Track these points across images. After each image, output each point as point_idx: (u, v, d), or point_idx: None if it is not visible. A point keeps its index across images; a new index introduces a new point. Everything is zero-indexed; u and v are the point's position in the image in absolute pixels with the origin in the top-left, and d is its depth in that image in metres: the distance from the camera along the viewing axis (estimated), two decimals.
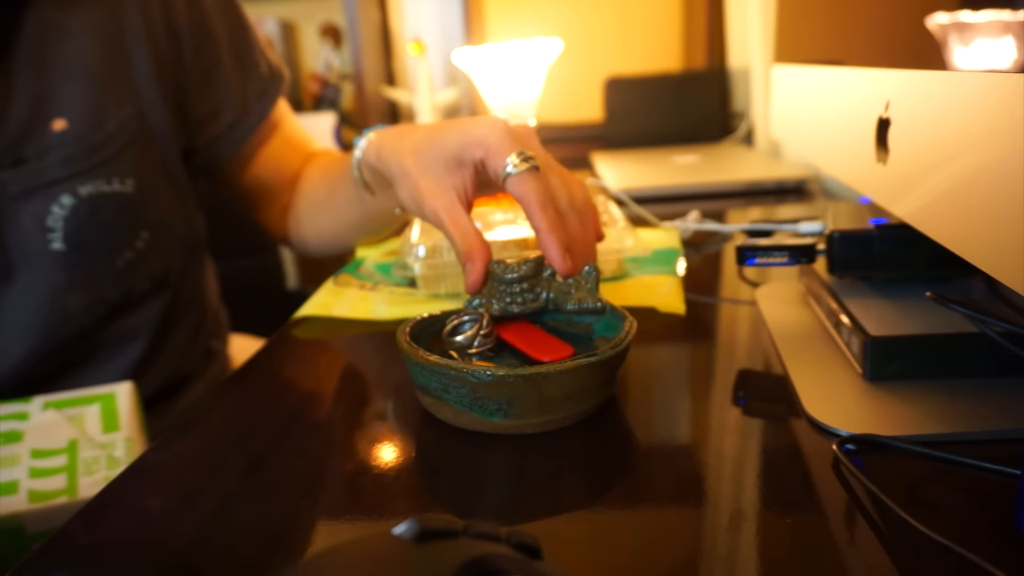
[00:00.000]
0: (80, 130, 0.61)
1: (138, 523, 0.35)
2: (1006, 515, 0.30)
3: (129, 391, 0.56)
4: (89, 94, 0.61)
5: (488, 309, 0.45)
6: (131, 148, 0.64)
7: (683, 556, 0.30)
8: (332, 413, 0.45)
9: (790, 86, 0.66)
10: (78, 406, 0.55)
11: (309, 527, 0.33)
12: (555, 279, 0.46)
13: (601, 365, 0.38)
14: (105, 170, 0.62)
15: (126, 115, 0.63)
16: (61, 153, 0.60)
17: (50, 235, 0.60)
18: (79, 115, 0.61)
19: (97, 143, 0.61)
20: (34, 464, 0.50)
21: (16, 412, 0.54)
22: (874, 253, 0.47)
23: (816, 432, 0.37)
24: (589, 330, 0.46)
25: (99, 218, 0.62)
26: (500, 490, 0.35)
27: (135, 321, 0.68)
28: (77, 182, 0.60)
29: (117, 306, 0.66)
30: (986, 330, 0.37)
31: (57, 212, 0.60)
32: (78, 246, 0.61)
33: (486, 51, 1.11)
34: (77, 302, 0.63)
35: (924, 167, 0.37)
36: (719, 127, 1.48)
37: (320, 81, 2.22)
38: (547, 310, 0.46)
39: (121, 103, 0.63)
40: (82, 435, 0.52)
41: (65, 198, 0.60)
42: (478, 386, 0.38)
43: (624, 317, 0.43)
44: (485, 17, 2.09)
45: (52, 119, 0.60)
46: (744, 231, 0.75)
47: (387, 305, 0.60)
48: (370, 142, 0.57)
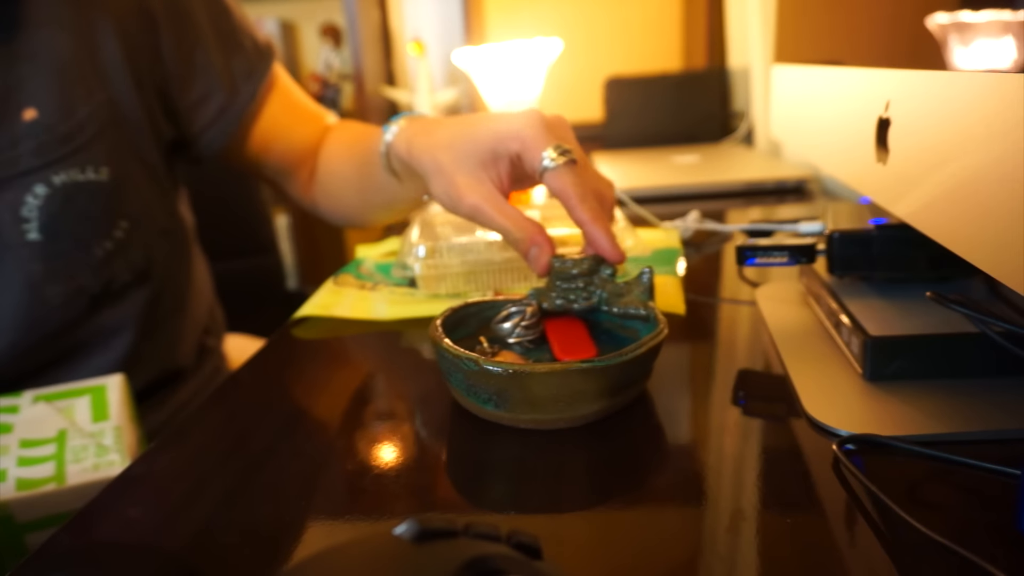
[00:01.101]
0: (50, 119, 0.60)
1: (137, 523, 0.35)
2: (1006, 515, 0.30)
3: (120, 382, 0.56)
4: (59, 83, 0.61)
5: (542, 302, 0.46)
6: (104, 136, 0.63)
7: (683, 556, 0.30)
8: (332, 413, 0.45)
9: (790, 86, 0.66)
10: (68, 398, 0.55)
11: (309, 527, 0.33)
12: (611, 279, 0.46)
13: (584, 373, 0.37)
14: (78, 159, 0.61)
15: (97, 103, 0.63)
16: (33, 142, 0.59)
17: (25, 225, 0.60)
18: (49, 104, 0.60)
19: (68, 132, 0.61)
20: (22, 453, 0.50)
21: (6, 406, 0.54)
22: (874, 253, 0.47)
23: (816, 432, 0.37)
24: (636, 335, 0.45)
25: (74, 207, 0.61)
26: (500, 490, 0.35)
27: (120, 314, 0.67)
28: (50, 171, 0.60)
29: (99, 298, 0.65)
30: (986, 330, 0.37)
31: (31, 202, 0.60)
32: (54, 236, 0.61)
33: (486, 51, 1.11)
34: (57, 293, 0.62)
35: (924, 167, 0.37)
36: (719, 127, 1.48)
37: (320, 81, 2.22)
38: (598, 309, 0.46)
39: (92, 91, 0.63)
40: (71, 425, 0.52)
41: (39, 188, 0.60)
42: (469, 374, 0.39)
43: (654, 331, 0.41)
44: (485, 17, 2.09)
45: (22, 108, 0.59)
46: (744, 231, 0.75)
47: (387, 305, 0.60)
48: (398, 132, 0.56)
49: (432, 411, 0.44)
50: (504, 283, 0.61)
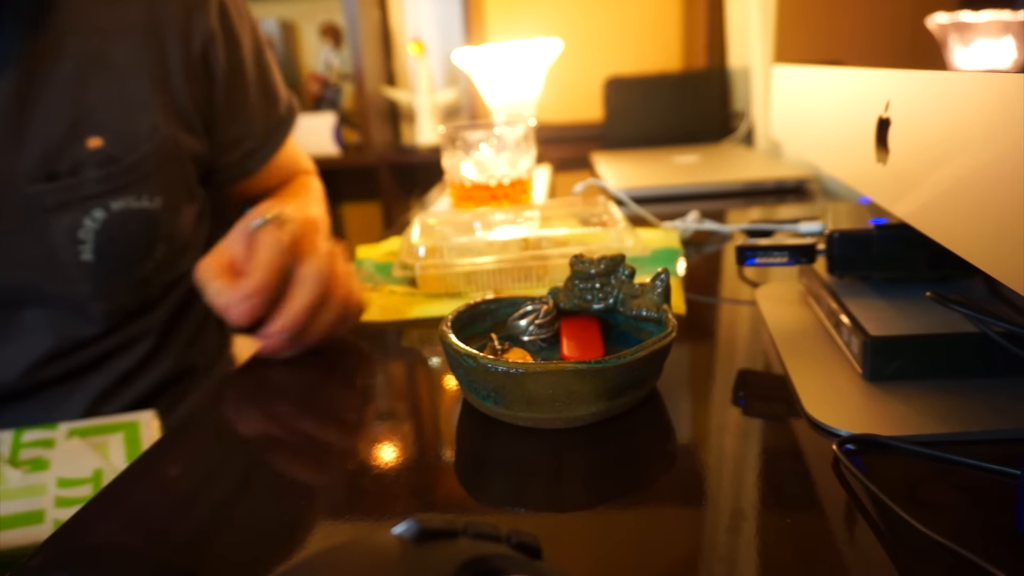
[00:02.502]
0: (115, 150, 0.64)
1: (138, 522, 0.35)
2: (1006, 515, 0.30)
3: (151, 419, 0.57)
4: (125, 117, 0.65)
5: (559, 301, 0.47)
6: (164, 169, 0.67)
7: (683, 556, 0.30)
8: (332, 413, 0.45)
9: (790, 86, 0.66)
10: (102, 434, 0.55)
11: (309, 527, 0.33)
12: (629, 280, 0.46)
13: (580, 374, 0.37)
14: (137, 188, 0.65)
15: (161, 138, 0.67)
16: (96, 171, 0.63)
17: (80, 247, 0.63)
18: (114, 136, 0.64)
19: (133, 163, 0.65)
20: (60, 493, 0.50)
21: (42, 439, 0.54)
22: (874, 253, 0.47)
23: (816, 432, 0.37)
24: (648, 338, 0.44)
25: (127, 231, 0.65)
26: (500, 490, 0.35)
27: (147, 323, 0.71)
28: (110, 198, 0.64)
29: (133, 313, 0.69)
30: (986, 330, 0.37)
31: (89, 225, 0.63)
32: (106, 258, 0.64)
33: (486, 51, 1.11)
34: (99, 311, 0.66)
35: (924, 167, 0.37)
36: (719, 127, 1.48)
37: (320, 81, 2.22)
38: (615, 310, 0.47)
39: (156, 128, 0.66)
40: (107, 464, 0.53)
41: (98, 212, 0.63)
42: (469, 370, 0.39)
43: (659, 335, 0.40)
44: (485, 17, 2.09)
45: (87, 136, 0.63)
46: (744, 231, 0.75)
47: (387, 305, 0.60)
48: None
49: (432, 411, 0.44)
50: (504, 283, 0.61)
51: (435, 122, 2.05)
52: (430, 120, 2.05)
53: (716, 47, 1.75)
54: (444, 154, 0.80)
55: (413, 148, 2.10)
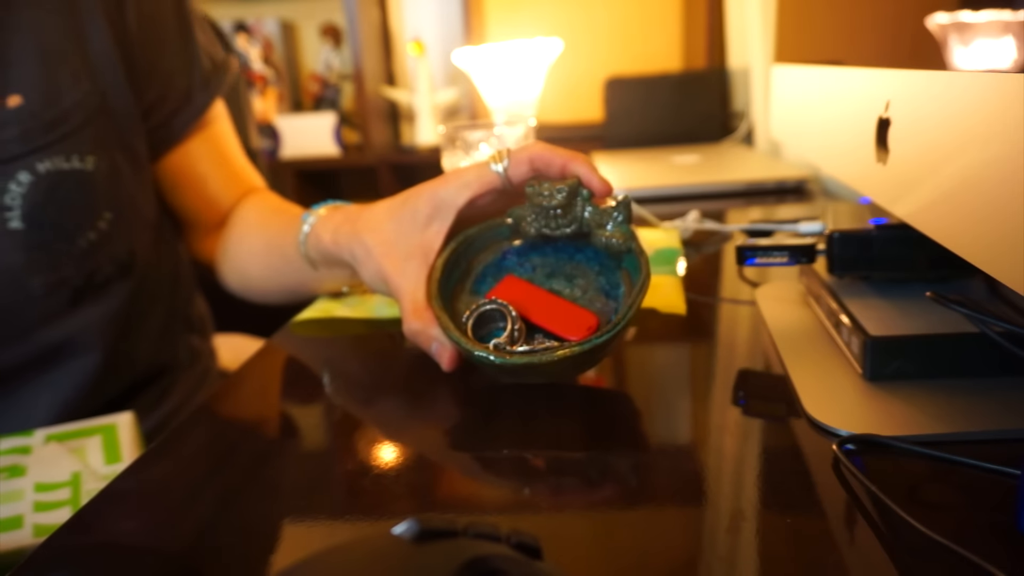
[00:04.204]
0: (35, 106, 0.59)
1: (137, 523, 0.35)
2: (1006, 515, 0.30)
3: (130, 422, 0.56)
4: (44, 69, 0.60)
5: (524, 229, 0.47)
6: (91, 125, 0.62)
7: (683, 556, 0.30)
8: (332, 413, 0.45)
9: (790, 86, 0.66)
10: (80, 438, 0.55)
11: (309, 527, 0.33)
12: (589, 205, 0.46)
13: (592, 351, 0.41)
14: (64, 146, 0.60)
15: (84, 91, 0.62)
16: (16, 129, 0.58)
17: (7, 214, 0.58)
18: (34, 90, 0.59)
19: (54, 119, 0.60)
20: (38, 498, 0.50)
21: (18, 446, 0.54)
22: (874, 253, 0.47)
23: (816, 432, 0.37)
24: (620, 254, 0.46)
25: (58, 196, 0.60)
26: (500, 490, 0.35)
27: (102, 309, 0.66)
28: (35, 158, 0.59)
29: (81, 290, 0.64)
30: (986, 330, 0.37)
31: (15, 190, 0.58)
32: (37, 225, 0.60)
33: (486, 51, 1.11)
34: (39, 284, 0.61)
35: (924, 167, 0.37)
36: (719, 127, 1.48)
37: (320, 81, 2.22)
38: (582, 233, 0.47)
39: (79, 79, 0.62)
40: (85, 467, 0.52)
41: (22, 175, 0.58)
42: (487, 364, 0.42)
43: (639, 285, 0.43)
44: (485, 17, 2.09)
45: (7, 95, 0.58)
46: (744, 231, 0.75)
47: (387, 305, 0.60)
48: (316, 223, 0.56)
49: (432, 411, 0.44)
50: None
51: (435, 122, 2.05)
52: (430, 120, 2.05)
53: (716, 47, 1.75)
54: (444, 154, 0.80)
55: (413, 148, 2.10)
